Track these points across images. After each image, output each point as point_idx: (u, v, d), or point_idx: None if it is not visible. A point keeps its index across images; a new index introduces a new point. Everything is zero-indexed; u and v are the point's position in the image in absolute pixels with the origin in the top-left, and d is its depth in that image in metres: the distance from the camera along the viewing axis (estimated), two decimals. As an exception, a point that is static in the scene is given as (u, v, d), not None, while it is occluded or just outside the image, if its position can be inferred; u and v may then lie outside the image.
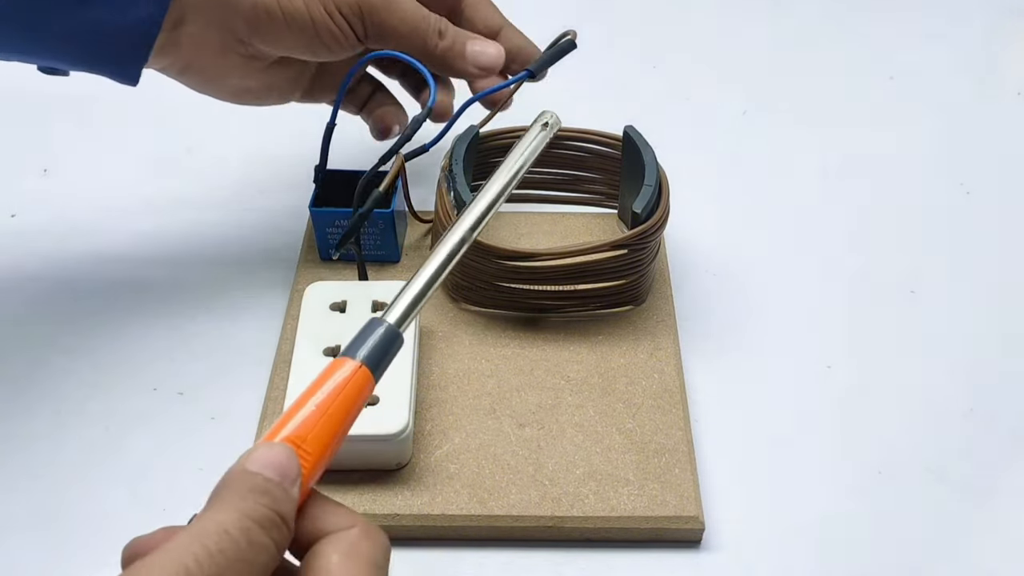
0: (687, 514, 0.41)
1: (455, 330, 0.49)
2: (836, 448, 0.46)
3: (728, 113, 0.65)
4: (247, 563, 0.26)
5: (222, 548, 0.26)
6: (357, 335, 0.33)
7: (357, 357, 0.32)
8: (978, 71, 0.70)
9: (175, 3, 0.42)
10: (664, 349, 0.48)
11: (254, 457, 0.29)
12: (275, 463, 0.29)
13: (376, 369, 0.32)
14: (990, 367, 0.49)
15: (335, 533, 0.29)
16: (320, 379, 0.31)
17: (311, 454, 0.30)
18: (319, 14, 0.44)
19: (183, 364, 0.48)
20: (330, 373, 0.31)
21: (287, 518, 0.28)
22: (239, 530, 0.26)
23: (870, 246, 0.56)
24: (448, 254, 0.37)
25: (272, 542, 0.27)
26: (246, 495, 0.27)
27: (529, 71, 0.48)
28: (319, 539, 0.29)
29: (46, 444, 0.45)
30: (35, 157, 0.60)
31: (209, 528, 0.26)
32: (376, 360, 0.32)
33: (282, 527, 0.28)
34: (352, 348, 0.32)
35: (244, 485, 0.28)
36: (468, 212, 0.39)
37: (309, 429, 0.30)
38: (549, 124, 0.44)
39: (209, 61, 0.45)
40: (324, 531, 0.29)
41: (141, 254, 0.54)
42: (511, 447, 0.44)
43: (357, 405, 0.32)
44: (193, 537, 0.26)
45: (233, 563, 0.26)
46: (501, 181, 0.41)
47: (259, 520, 0.27)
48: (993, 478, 0.45)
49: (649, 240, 0.47)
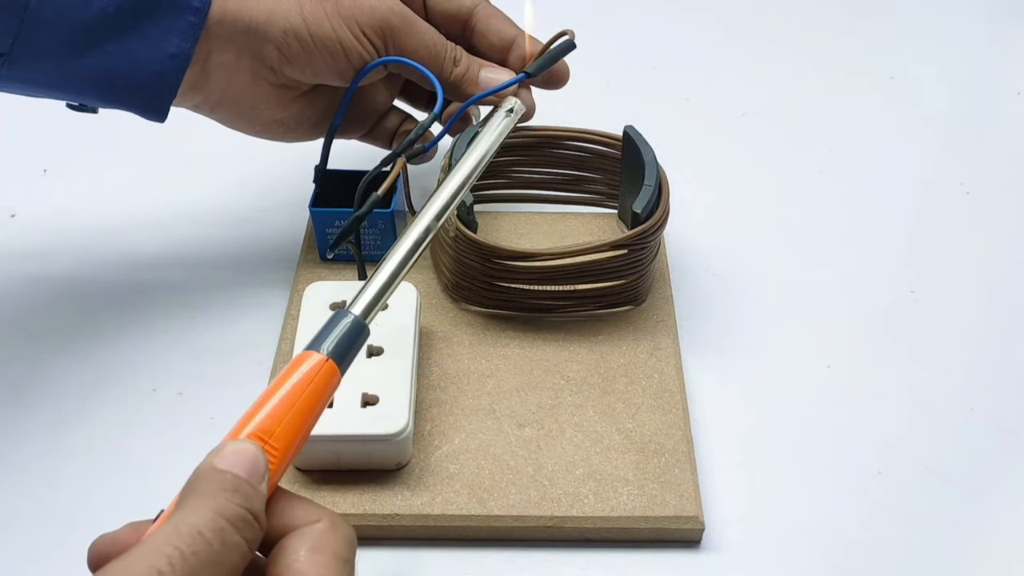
0: (687, 514, 0.41)
1: (455, 330, 0.49)
2: (836, 448, 0.46)
3: (728, 113, 0.65)
4: (220, 564, 0.26)
5: (195, 550, 0.26)
6: (323, 328, 0.33)
7: (322, 350, 0.32)
8: (978, 71, 0.70)
9: (205, 37, 0.43)
10: (664, 349, 0.48)
11: (223, 455, 0.29)
12: (243, 460, 0.28)
13: (342, 361, 0.32)
14: (990, 367, 0.49)
15: (301, 528, 0.29)
16: (286, 373, 0.31)
17: (278, 449, 0.30)
18: (346, 36, 0.45)
19: (183, 364, 0.48)
20: (296, 366, 0.31)
21: (259, 515, 0.28)
22: (212, 531, 0.26)
23: (870, 246, 0.56)
24: (413, 244, 0.37)
25: (244, 541, 0.27)
26: (217, 494, 0.27)
27: (526, 73, 0.48)
28: (285, 534, 0.29)
29: (46, 444, 0.45)
30: (35, 157, 0.60)
31: (182, 529, 0.26)
32: (342, 352, 0.32)
33: (254, 525, 0.28)
34: (317, 341, 0.32)
35: (214, 483, 0.28)
36: (432, 202, 0.39)
37: (276, 423, 0.30)
38: (514, 110, 0.45)
39: (241, 93, 0.46)
40: (291, 526, 0.29)
41: (141, 254, 0.54)
42: (511, 447, 0.44)
43: (323, 398, 0.31)
44: (166, 539, 0.26)
45: (206, 565, 0.26)
46: (464, 171, 0.41)
47: (232, 519, 0.27)
48: (993, 478, 0.45)
49: (649, 240, 0.47)
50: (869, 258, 0.55)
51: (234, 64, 0.45)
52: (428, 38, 0.47)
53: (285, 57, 0.45)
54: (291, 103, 0.48)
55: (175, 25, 0.42)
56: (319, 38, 0.45)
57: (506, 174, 0.55)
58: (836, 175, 0.61)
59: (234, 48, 0.44)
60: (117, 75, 0.42)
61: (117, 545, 0.29)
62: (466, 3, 0.49)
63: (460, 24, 0.49)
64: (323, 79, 0.47)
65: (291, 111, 0.48)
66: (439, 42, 0.47)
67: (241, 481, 0.28)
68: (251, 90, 0.46)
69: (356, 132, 0.52)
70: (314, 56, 0.45)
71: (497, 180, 0.55)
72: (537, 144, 0.53)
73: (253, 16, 0.44)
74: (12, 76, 0.41)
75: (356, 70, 0.46)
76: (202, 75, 0.44)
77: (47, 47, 0.40)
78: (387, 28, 0.46)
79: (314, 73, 0.46)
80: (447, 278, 0.50)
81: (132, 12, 0.41)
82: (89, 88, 0.42)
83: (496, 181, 0.55)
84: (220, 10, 0.43)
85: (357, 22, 0.45)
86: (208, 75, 0.45)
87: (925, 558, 0.42)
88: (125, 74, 0.42)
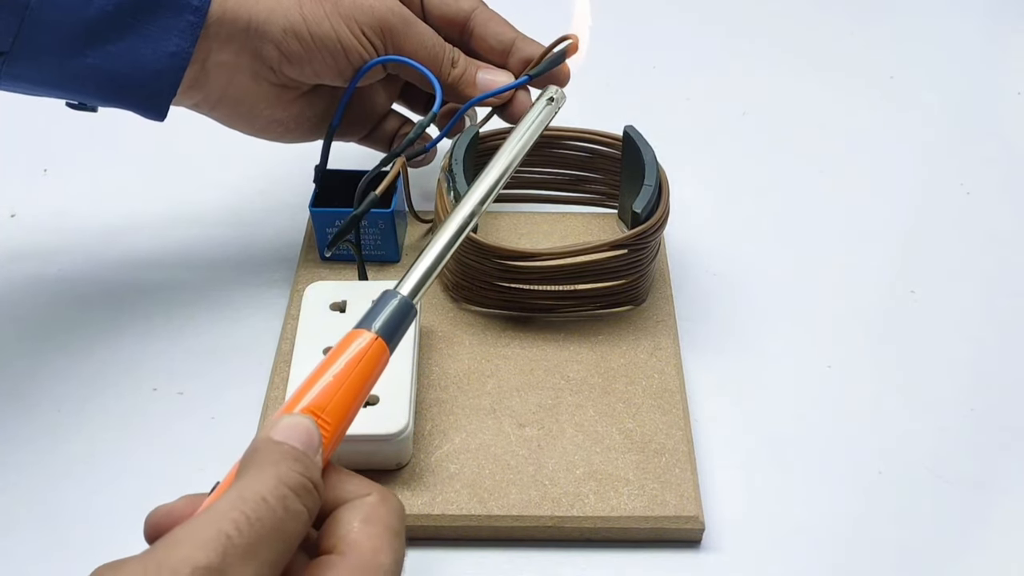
0: (687, 514, 0.41)
1: (455, 330, 0.49)
2: (836, 448, 0.46)
3: (728, 113, 0.65)
4: (282, 531, 0.27)
5: (260, 516, 0.26)
6: (372, 307, 0.33)
7: (373, 328, 0.32)
8: (978, 71, 0.70)
9: (204, 36, 0.43)
10: (664, 349, 0.48)
11: (279, 427, 0.29)
12: (299, 433, 0.29)
13: (391, 340, 0.33)
14: (990, 367, 0.49)
15: (353, 500, 0.30)
16: (337, 350, 0.32)
17: (330, 424, 0.30)
18: (346, 35, 0.45)
19: (183, 364, 0.48)
20: (347, 344, 0.32)
21: (319, 484, 0.29)
22: (276, 498, 0.27)
23: (870, 246, 0.56)
24: (460, 226, 0.38)
25: (306, 509, 0.28)
26: (279, 462, 0.28)
27: (529, 75, 0.48)
28: (337, 507, 0.30)
29: (46, 444, 0.45)
30: (35, 157, 0.60)
31: (246, 496, 0.27)
32: (391, 331, 0.33)
33: (314, 493, 0.28)
34: (367, 320, 0.33)
35: (275, 453, 0.28)
36: (476, 187, 0.39)
37: (328, 399, 0.31)
38: (555, 98, 0.45)
39: (241, 92, 0.46)
40: (342, 499, 0.30)
41: (141, 254, 0.54)
42: (511, 447, 0.44)
43: (373, 375, 0.32)
44: (232, 504, 0.26)
45: (271, 531, 0.26)
46: (507, 157, 0.41)
47: (294, 487, 0.28)
48: (993, 478, 0.45)
49: (649, 240, 0.47)
50: (869, 258, 0.55)
51: (234, 63, 0.45)
52: (427, 39, 0.47)
53: (285, 56, 0.45)
54: (291, 103, 0.48)
55: (175, 24, 0.42)
56: (318, 37, 0.45)
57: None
58: (836, 175, 0.61)
59: (234, 47, 0.44)
60: (117, 74, 0.42)
61: (173, 517, 0.29)
62: (464, 6, 0.49)
63: (458, 27, 0.49)
64: (323, 79, 0.47)
65: (291, 111, 0.48)
66: (438, 43, 0.47)
67: (299, 452, 0.29)
68: (251, 89, 0.46)
69: (355, 135, 0.52)
70: (313, 55, 0.45)
71: (497, 180, 0.55)
72: (537, 144, 0.53)
73: (253, 15, 0.44)
74: (12, 74, 0.41)
75: (355, 70, 0.47)
76: (202, 74, 0.44)
77: (47, 46, 0.40)
78: (386, 28, 0.46)
79: (313, 72, 0.46)
80: (447, 278, 0.50)
81: (132, 11, 0.41)
82: (89, 87, 0.42)
83: (496, 181, 0.55)
84: (220, 9, 0.43)
85: (356, 21, 0.45)
86: (208, 74, 0.45)
87: (925, 558, 0.42)
88: (125, 73, 0.42)
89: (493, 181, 0.40)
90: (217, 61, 0.44)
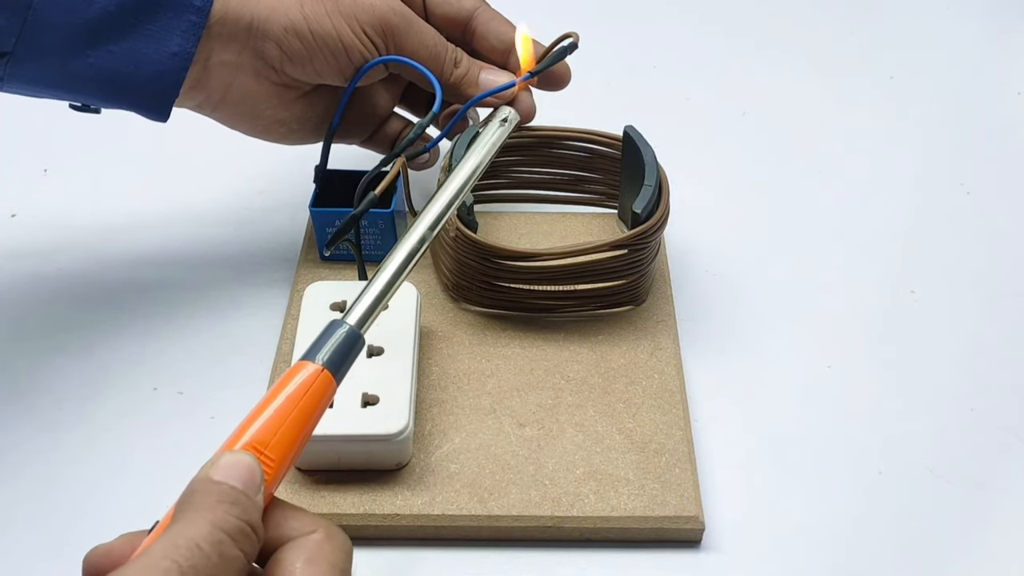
0: (687, 514, 0.41)
1: (455, 330, 0.49)
2: (836, 448, 0.46)
3: (728, 113, 0.65)
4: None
5: (194, 564, 0.25)
6: (318, 337, 0.32)
7: (318, 360, 0.31)
8: (978, 71, 0.70)
9: (206, 36, 0.43)
10: (664, 349, 0.48)
11: (219, 466, 0.28)
12: (239, 472, 0.28)
13: (337, 372, 0.32)
14: (990, 367, 0.49)
15: (297, 539, 0.29)
16: (281, 383, 0.31)
17: (274, 460, 0.29)
18: (347, 34, 0.45)
19: (183, 364, 0.48)
20: (291, 376, 0.31)
21: (256, 527, 0.28)
22: (210, 544, 0.26)
23: (870, 246, 0.56)
24: (408, 253, 0.36)
25: (243, 554, 0.27)
26: (215, 506, 0.27)
27: (531, 73, 0.48)
28: (281, 544, 0.29)
29: (47, 443, 0.45)
30: (35, 157, 0.60)
31: (179, 543, 0.26)
32: (337, 363, 0.32)
33: (252, 537, 0.27)
34: (313, 351, 0.32)
35: (211, 495, 0.27)
36: (426, 212, 0.38)
37: (271, 434, 0.30)
38: (508, 119, 0.45)
39: (243, 92, 0.46)
40: (286, 536, 0.29)
41: (141, 254, 0.54)
42: (511, 447, 0.44)
43: (319, 409, 0.31)
44: (164, 552, 0.25)
45: None
46: (459, 180, 0.40)
47: (230, 532, 0.27)
48: (993, 478, 0.45)
49: (649, 240, 0.47)
50: (869, 258, 0.55)
51: (236, 63, 0.45)
52: (428, 38, 0.47)
53: (286, 55, 0.45)
54: (292, 103, 0.48)
55: (177, 24, 0.42)
56: (320, 36, 0.45)
57: (506, 174, 0.54)
58: (836, 175, 0.61)
59: (236, 46, 0.44)
60: (119, 74, 0.42)
61: (112, 557, 0.28)
62: (466, 6, 0.49)
63: (460, 27, 0.49)
64: (324, 78, 0.47)
65: (292, 112, 0.48)
66: (439, 43, 0.47)
67: (238, 493, 0.28)
68: (253, 89, 0.46)
69: (357, 137, 0.52)
70: (315, 54, 0.45)
71: (497, 180, 0.55)
72: (537, 144, 0.53)
73: (255, 14, 0.44)
74: (15, 75, 0.41)
75: (357, 69, 0.47)
76: (204, 74, 0.44)
77: (50, 46, 0.40)
78: (388, 27, 0.46)
79: (315, 71, 0.46)
80: (447, 278, 0.50)
81: (134, 11, 0.41)
82: (92, 88, 0.42)
83: (496, 181, 0.55)
84: (222, 8, 0.43)
85: (358, 20, 0.45)
86: (210, 74, 0.45)
87: (925, 558, 0.42)
88: (127, 73, 0.42)
89: (443, 206, 0.39)
90: (219, 61, 0.44)
